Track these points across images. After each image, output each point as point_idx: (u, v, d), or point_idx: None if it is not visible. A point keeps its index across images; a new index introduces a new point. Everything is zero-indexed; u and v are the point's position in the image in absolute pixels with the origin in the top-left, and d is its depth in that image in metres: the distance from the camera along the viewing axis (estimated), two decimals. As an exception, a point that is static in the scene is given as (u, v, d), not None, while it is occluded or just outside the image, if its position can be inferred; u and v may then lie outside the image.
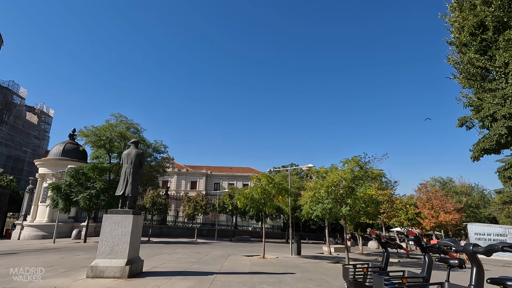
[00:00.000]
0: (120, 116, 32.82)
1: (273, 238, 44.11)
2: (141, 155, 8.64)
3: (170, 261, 11.16)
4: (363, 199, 13.22)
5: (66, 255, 12.16)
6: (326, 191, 13.61)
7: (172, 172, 56.36)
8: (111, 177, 26.38)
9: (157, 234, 32.02)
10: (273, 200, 15.71)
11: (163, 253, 14.21)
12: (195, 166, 60.23)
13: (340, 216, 14.06)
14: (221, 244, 24.51)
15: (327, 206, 13.37)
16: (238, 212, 34.20)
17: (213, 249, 18.00)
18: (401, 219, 21.13)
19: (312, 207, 13.96)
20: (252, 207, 15.16)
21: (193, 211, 27.74)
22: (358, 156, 14.64)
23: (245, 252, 17.51)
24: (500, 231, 25.62)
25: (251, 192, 14.67)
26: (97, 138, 30.33)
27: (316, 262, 13.99)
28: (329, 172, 14.02)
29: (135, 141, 9.01)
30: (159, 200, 24.77)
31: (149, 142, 34.89)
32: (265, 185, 15.02)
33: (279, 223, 48.49)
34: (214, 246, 21.01)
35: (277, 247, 25.44)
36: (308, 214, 14.41)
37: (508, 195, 44.71)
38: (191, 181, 56.21)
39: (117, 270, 7.21)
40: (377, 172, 14.03)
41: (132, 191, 8.13)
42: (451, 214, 29.68)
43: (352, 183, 13.74)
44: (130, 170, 8.23)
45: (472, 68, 13.51)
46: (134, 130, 33.40)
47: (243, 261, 12.54)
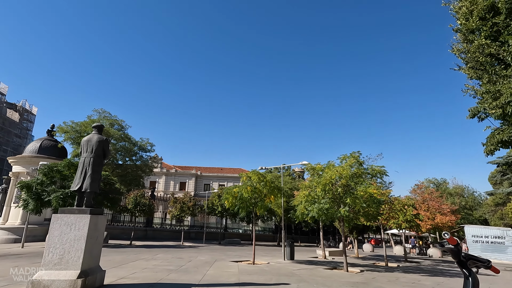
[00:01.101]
0: (103, 111, 31.00)
1: (264, 241, 42.65)
2: (104, 142, 7.11)
3: (145, 269, 9.63)
4: (363, 199, 11.97)
5: (24, 262, 10.47)
6: (323, 190, 12.32)
7: (160, 172, 54.44)
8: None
9: (141, 237, 30.18)
10: (264, 200, 14.31)
11: (141, 259, 12.64)
12: (184, 167, 58.38)
13: (337, 217, 12.77)
14: (209, 248, 22.95)
15: (324, 206, 12.07)
16: (228, 213, 32.66)
17: (198, 254, 16.47)
18: (399, 221, 19.98)
19: (307, 207, 12.64)
20: (241, 207, 13.73)
21: (180, 212, 26.07)
22: (357, 152, 13.41)
23: (233, 257, 16.05)
24: (498, 233, 24.86)
25: (240, 191, 13.24)
26: (77, 134, 28.43)
27: (311, 268, 12.64)
28: (326, 169, 12.74)
29: (98, 126, 7.44)
30: (142, 201, 23.02)
31: (135, 140, 33.13)
32: (255, 183, 13.62)
33: (271, 225, 47.07)
34: (200, 250, 19.46)
35: (269, 250, 24.04)
36: (303, 215, 13.08)
37: (501, 197, 44.49)
38: (180, 182, 54.35)
39: (66, 285, 5.68)
40: (378, 169, 12.80)
41: (92, 185, 6.61)
42: (448, 216, 28.89)
43: (352, 181, 12.49)
44: (90, 160, 6.71)
45: (481, 56, 12.47)
46: (119, 127, 31.62)
47: (230, 268, 11.10)
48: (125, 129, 31.70)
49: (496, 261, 24.23)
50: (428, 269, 15.44)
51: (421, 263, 19.89)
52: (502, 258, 24.07)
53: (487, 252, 24.93)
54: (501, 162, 49.89)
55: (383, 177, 12.93)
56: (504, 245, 24.22)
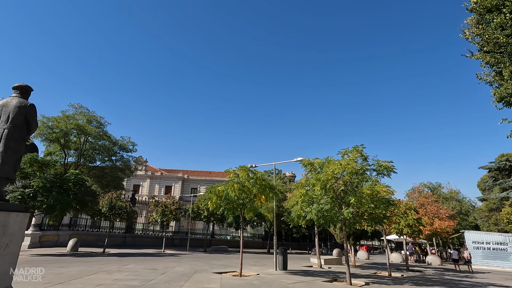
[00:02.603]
0: (80, 107, 28.53)
1: (253, 248, 40.43)
2: (28, 109, 4.96)
3: (99, 286, 7.51)
4: (370, 198, 10.20)
5: None
6: (322, 188, 10.50)
7: (144, 175, 51.68)
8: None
9: (119, 244, 27.57)
10: (254, 201, 12.38)
11: (103, 271, 10.43)
12: (170, 170, 55.76)
13: (338, 220, 10.95)
14: (192, 256, 20.72)
15: (325, 207, 10.23)
16: (215, 218, 30.45)
17: (177, 264, 14.30)
18: (400, 226, 18.37)
19: (304, 208, 10.77)
20: (227, 209, 11.77)
21: (161, 217, 23.76)
22: (361, 146, 11.67)
23: (218, 267, 13.96)
24: (500, 239, 23.57)
25: (226, 189, 11.27)
26: (49, 130, 25.87)
27: (309, 281, 10.72)
28: (327, 164, 10.93)
29: (20, 86, 5.22)
30: (119, 204, 20.64)
31: (115, 139, 30.71)
32: (244, 181, 11.70)
33: (260, 232, 44.90)
34: (181, 259, 17.25)
35: (258, 258, 21.97)
36: (299, 217, 11.19)
37: (494, 202, 43.83)
38: (165, 186, 51.68)
39: None
40: (386, 164, 11.08)
41: (4, 168, 4.54)
42: (446, 221, 27.59)
43: (356, 178, 10.72)
44: (2, 133, 4.64)
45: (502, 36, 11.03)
46: (97, 124, 29.17)
47: (211, 282, 9.07)
48: (104, 126, 29.33)
49: (498, 268, 22.90)
50: (437, 280, 13.76)
51: (425, 272, 18.24)
52: (505, 266, 22.75)
53: (489, 259, 23.62)
54: (492, 167, 49.55)
55: (390, 175, 11.19)
56: (507, 251, 22.92)
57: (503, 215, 39.21)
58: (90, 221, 27.56)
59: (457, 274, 17.67)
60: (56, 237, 23.49)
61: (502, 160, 46.99)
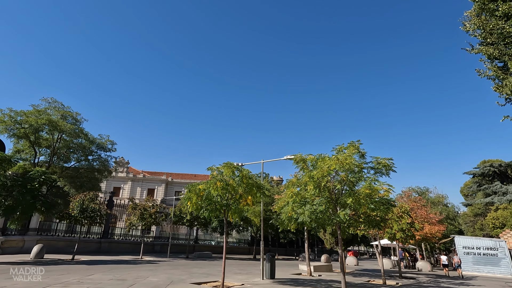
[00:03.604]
0: (54, 101, 26.45)
1: (239, 253, 38.87)
2: None
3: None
4: (370, 198, 9.14)
5: None
6: (316, 187, 9.35)
7: (126, 177, 49.31)
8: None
9: (93, 251, 25.51)
10: (239, 202, 11.09)
11: (59, 283, 8.85)
12: (153, 172, 53.56)
13: (333, 223, 9.81)
14: (172, 263, 19.10)
15: (319, 208, 9.08)
16: (198, 223, 28.82)
17: (153, 273, 12.76)
18: (393, 230, 17.49)
19: (296, 209, 9.57)
20: (208, 210, 10.40)
21: (140, 220, 21.99)
22: (357, 142, 10.64)
23: (198, 275, 12.53)
24: (490, 245, 23.15)
25: (208, 188, 9.93)
26: (17, 125, 23.73)
27: (300, 292, 9.49)
28: (321, 160, 9.80)
29: None
30: (91, 206, 18.80)
31: (92, 137, 28.70)
32: (228, 179, 10.41)
33: (246, 237, 43.39)
34: (158, 267, 15.66)
35: (244, 266, 20.57)
36: (290, 220, 9.98)
37: (479, 207, 44.18)
38: (148, 188, 49.43)
39: None
40: (384, 162, 10.06)
41: None
42: (436, 225, 27.09)
43: (353, 176, 9.64)
44: None
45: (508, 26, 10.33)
46: (73, 120, 27.14)
47: (187, 296, 7.69)
48: (80, 123, 27.33)
49: (489, 274, 22.42)
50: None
51: (418, 279, 17.37)
52: (496, 272, 22.29)
53: (480, 265, 23.13)
54: (477, 173, 50.19)
55: (389, 173, 10.19)
56: (497, 257, 22.49)
57: (488, 220, 39.47)
58: (65, 225, 25.37)
59: (452, 281, 16.89)
60: (21, 242, 21.29)
61: (486, 165, 47.60)
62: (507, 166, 47.40)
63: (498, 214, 37.36)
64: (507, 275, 21.79)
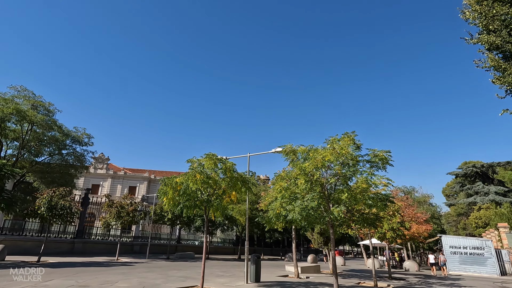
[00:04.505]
0: (23, 89, 24.36)
1: (223, 254, 37.65)
2: None
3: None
4: (367, 194, 8.24)
5: None
6: (308, 180, 8.37)
7: (106, 174, 47.04)
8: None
9: (66, 252, 23.68)
10: (223, 198, 9.99)
11: (6, 291, 7.46)
12: (136, 169, 51.44)
13: (325, 221, 8.87)
14: (149, 265, 17.73)
15: (311, 204, 8.10)
16: (180, 222, 27.46)
17: (124, 277, 11.44)
18: (383, 230, 16.84)
19: (285, 206, 8.56)
20: (186, 206, 9.22)
21: (116, 219, 20.43)
22: (352, 133, 9.73)
23: (175, 279, 11.31)
24: (476, 244, 23.01)
25: (186, 181, 8.77)
26: (-21, 115, 21.57)
27: (288, 298, 8.48)
28: (313, 151, 8.83)
29: None
30: (61, 203, 17.14)
31: (67, 129, 26.68)
32: (210, 171, 9.27)
33: (231, 236, 42.21)
34: (133, 270, 14.30)
35: (228, 267, 19.43)
36: (278, 217, 8.94)
37: (462, 207, 44.87)
38: (129, 186, 47.31)
39: None
40: (382, 154, 9.20)
41: None
42: (423, 224, 26.89)
43: (348, 170, 8.72)
44: None
45: (512, 10, 9.69)
46: (45, 111, 25.09)
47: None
48: (53, 114, 25.29)
49: (475, 274, 22.27)
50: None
51: (409, 280, 16.78)
52: (482, 271, 22.15)
53: (466, 265, 22.96)
54: (460, 173, 51.08)
55: (386, 167, 9.34)
56: (484, 256, 22.36)
57: (471, 220, 40.02)
58: (37, 225, 23.34)
59: (442, 281, 16.40)
60: (-19, 243, 19.28)
61: (469, 166, 48.49)
62: (488, 167, 48.45)
63: (481, 213, 37.95)
64: (493, 274, 21.68)
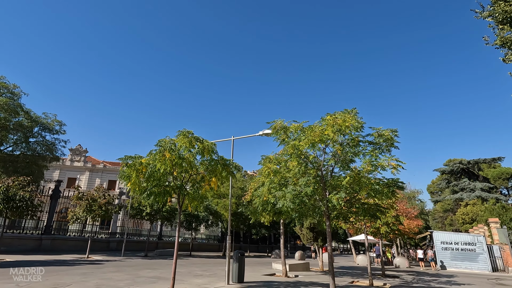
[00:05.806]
0: (-17, 69, 21.82)
1: (208, 251, 36.02)
2: None
3: None
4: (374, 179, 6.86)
5: None
6: (302, 162, 6.91)
7: (83, 167, 44.33)
8: None
9: (31, 249, 21.48)
10: (201, 185, 8.40)
11: None
12: (115, 163, 48.83)
13: (320, 211, 7.45)
14: (121, 264, 15.95)
15: (305, 189, 6.64)
16: (161, 216, 25.65)
17: (83, 277, 9.70)
18: (377, 224, 15.74)
19: (274, 192, 7.07)
20: (154, 193, 7.57)
21: (86, 213, 18.46)
22: (353, 110, 8.32)
23: (145, 280, 9.67)
24: (468, 240, 22.39)
25: (153, 161, 7.12)
26: None
27: (276, 303, 7.02)
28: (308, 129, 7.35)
29: None
30: (20, 194, 15.07)
31: (36, 115, 24.26)
32: (184, 151, 7.65)
33: (216, 233, 40.56)
34: (98, 269, 12.53)
35: (210, 265, 17.87)
36: (266, 207, 7.46)
37: (449, 203, 44.94)
38: (108, 180, 44.78)
39: None
40: (388, 134, 7.84)
41: None
42: (414, 220, 26.20)
43: (350, 151, 7.32)
44: None
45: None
46: (9, 94, 22.65)
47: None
48: (18, 97, 22.87)
49: (467, 270, 21.64)
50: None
51: (403, 277, 15.75)
52: (473, 267, 21.53)
53: (457, 261, 22.31)
54: (446, 170, 51.30)
55: (390, 150, 7.99)
56: (475, 252, 21.74)
57: (458, 216, 39.96)
58: (8, 220, 20.93)
59: (438, 279, 15.46)
60: None
61: (456, 163, 48.69)
62: (474, 163, 48.82)
63: (468, 209, 37.90)
64: (485, 270, 21.09)
